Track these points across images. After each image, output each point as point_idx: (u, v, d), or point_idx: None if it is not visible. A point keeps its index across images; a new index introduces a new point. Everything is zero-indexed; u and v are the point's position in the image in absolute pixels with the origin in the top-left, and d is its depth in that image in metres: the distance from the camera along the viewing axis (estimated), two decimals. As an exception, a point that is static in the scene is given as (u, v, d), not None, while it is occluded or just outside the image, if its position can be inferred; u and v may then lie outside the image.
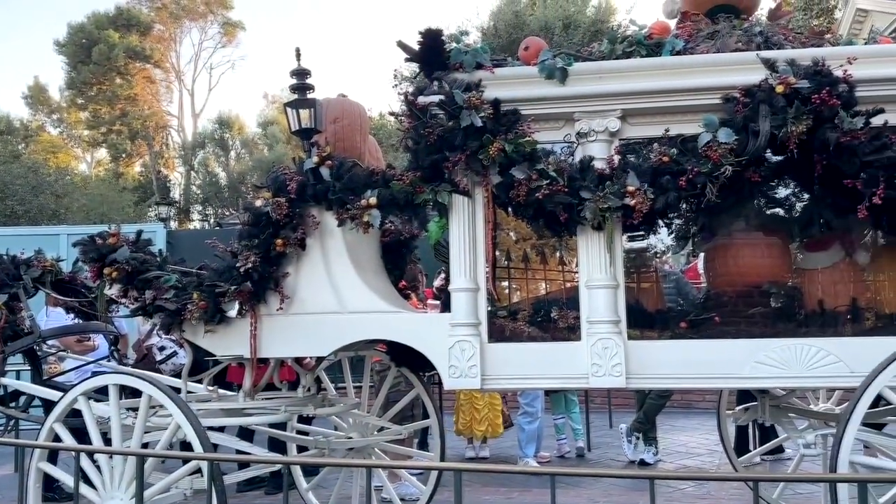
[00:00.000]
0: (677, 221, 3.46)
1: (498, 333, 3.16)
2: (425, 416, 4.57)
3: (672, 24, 3.52)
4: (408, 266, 4.14)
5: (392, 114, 3.27)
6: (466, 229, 3.10)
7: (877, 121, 2.76)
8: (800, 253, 3.39)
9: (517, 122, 2.95)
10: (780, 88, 2.74)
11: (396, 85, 18.60)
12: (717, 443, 4.81)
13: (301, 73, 3.78)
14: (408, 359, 3.73)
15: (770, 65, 2.82)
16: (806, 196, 3.32)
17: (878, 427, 3.78)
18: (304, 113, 5.49)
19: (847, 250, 3.26)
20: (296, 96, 5.37)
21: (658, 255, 3.84)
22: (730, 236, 3.28)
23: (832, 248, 3.27)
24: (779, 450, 5.92)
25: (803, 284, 3.26)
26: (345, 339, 3.26)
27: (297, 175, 3.28)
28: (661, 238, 3.56)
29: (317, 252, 3.33)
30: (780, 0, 3.63)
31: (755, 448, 5.35)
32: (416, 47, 3.07)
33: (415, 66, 3.16)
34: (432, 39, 3.01)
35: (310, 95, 3.79)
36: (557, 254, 3.66)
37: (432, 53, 3.03)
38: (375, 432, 4.32)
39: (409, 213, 3.30)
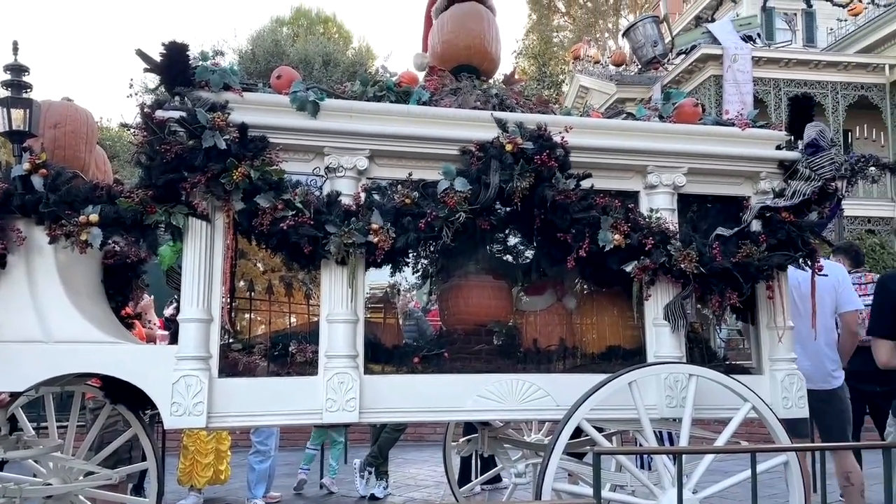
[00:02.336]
0: (417, 261, 3.61)
1: (230, 368, 3.01)
2: (145, 458, 4.17)
3: (421, 76, 3.72)
4: (134, 292, 3.79)
5: (124, 125, 3.01)
6: (203, 256, 2.93)
7: (585, 184, 3.15)
8: (520, 296, 3.72)
9: (265, 149, 2.88)
10: (509, 147, 3.02)
11: (131, 95, 17.25)
12: (444, 474, 5.02)
13: (17, 69, 3.30)
14: (126, 395, 3.39)
15: (502, 125, 3.10)
16: (527, 245, 3.67)
17: (580, 456, 4.23)
18: (18, 113, 4.81)
19: (559, 296, 3.65)
20: (9, 93, 4.69)
21: (401, 293, 3.96)
22: (461, 278, 3.50)
23: (547, 294, 3.64)
24: (497, 479, 6.37)
25: (522, 325, 3.58)
26: (47, 373, 2.87)
27: (1, 183, 2.86)
28: (405, 276, 3.68)
29: (20, 271, 2.92)
30: (515, 68, 4.02)
31: (477, 478, 5.70)
32: (159, 59, 2.87)
33: (156, 78, 2.95)
34: (177, 53, 2.84)
35: (26, 95, 3.34)
36: (300, 286, 3.61)
37: (175, 67, 2.85)
38: (81, 477, 3.83)
39: (137, 235, 3.03)
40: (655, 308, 3.28)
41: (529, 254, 3.69)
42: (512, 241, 3.69)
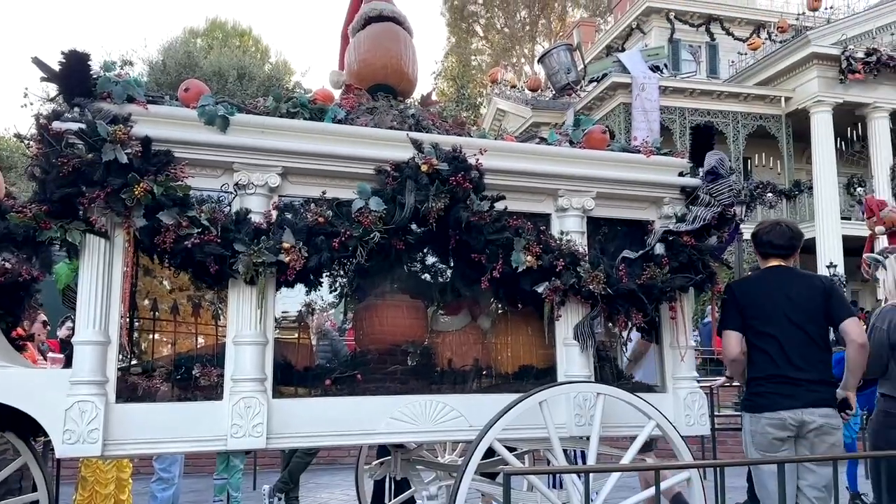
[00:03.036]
0: (331, 281, 3.56)
1: (129, 392, 2.87)
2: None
3: (337, 93, 3.70)
4: (26, 312, 3.56)
5: (18, 136, 2.83)
6: (100, 274, 2.78)
7: (499, 206, 3.19)
8: (436, 316, 3.72)
9: (169, 164, 2.77)
10: (424, 167, 3.02)
11: (26, 105, 16.36)
12: (356, 499, 4.93)
13: None
14: (15, 422, 3.17)
15: (418, 145, 3.11)
16: (443, 266, 3.68)
17: (493, 476, 4.25)
18: None
19: (474, 316, 3.67)
20: None
21: (315, 313, 3.89)
22: (375, 298, 3.47)
23: (462, 314, 3.66)
24: (411, 502, 6.30)
25: (436, 345, 3.57)
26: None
27: None
28: (320, 296, 3.62)
29: None
30: (433, 90, 4.05)
31: (390, 501, 5.62)
32: (58, 67, 2.73)
33: (53, 87, 2.80)
34: (77, 62, 2.71)
35: None
36: (206, 307, 3.48)
37: (75, 77, 2.72)
38: (-41, 513, 3.54)
39: (29, 252, 2.85)
40: (566, 328, 3.34)
41: (445, 274, 3.70)
42: (427, 261, 3.69)
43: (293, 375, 3.25)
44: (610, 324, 3.57)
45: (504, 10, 39.67)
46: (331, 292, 3.70)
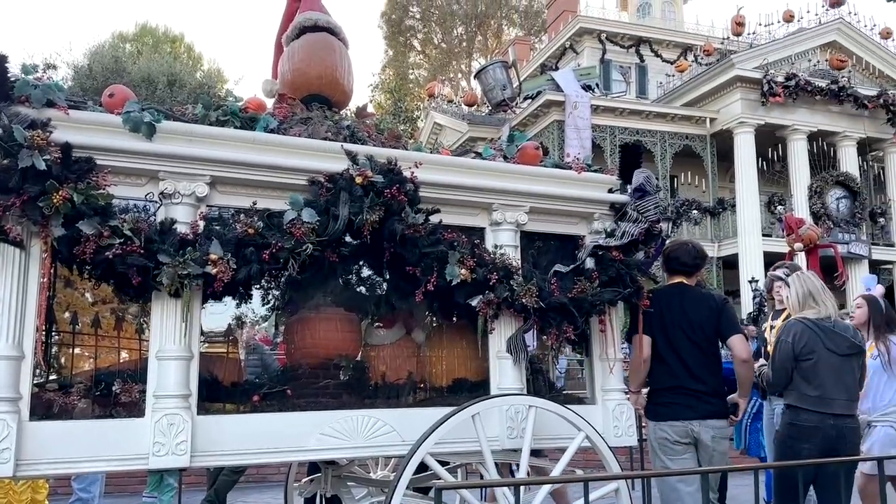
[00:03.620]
0: (261, 293, 3.48)
1: (44, 410, 2.73)
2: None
3: (270, 103, 3.64)
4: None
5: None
6: (15, 286, 2.65)
7: (434, 219, 3.19)
8: (369, 330, 3.69)
9: (90, 172, 2.66)
10: (359, 179, 3.00)
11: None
12: (286, 516, 4.81)
13: None
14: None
15: (352, 157, 3.08)
16: (377, 278, 3.65)
17: (425, 491, 4.22)
18: None
19: (408, 329, 3.65)
20: None
21: (244, 326, 3.79)
22: (307, 311, 3.41)
23: (396, 327, 3.63)
24: (343, 518, 6.20)
25: (370, 359, 3.54)
26: None
27: None
28: (250, 309, 3.53)
29: None
30: (368, 102, 4.04)
31: (322, 518, 5.51)
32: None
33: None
34: (-8, 63, 2.58)
35: None
36: (128, 320, 3.35)
37: (-9, 79, 2.58)
38: None
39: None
40: (499, 341, 3.36)
41: (379, 287, 3.68)
42: (361, 273, 3.65)
43: (220, 391, 3.16)
44: (542, 336, 3.62)
45: (441, 25, 40.04)
46: (261, 305, 3.62)
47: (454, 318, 3.54)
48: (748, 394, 3.94)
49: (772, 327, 5.09)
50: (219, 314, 3.40)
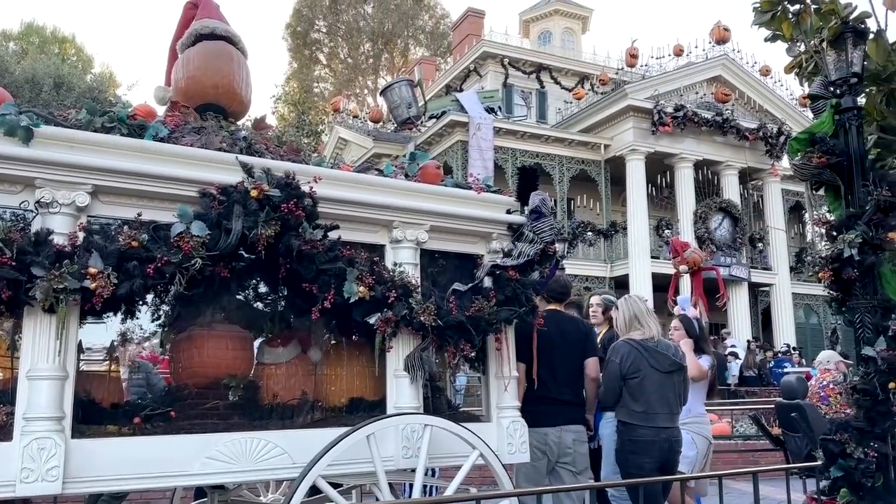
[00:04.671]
0: (147, 309, 3.31)
1: None
2: None
3: (161, 110, 3.49)
4: None
5: None
6: None
7: (333, 235, 3.15)
8: (262, 348, 3.57)
9: (-45, 177, 2.46)
10: (254, 193, 2.91)
11: None
12: (169, 544, 4.57)
13: None
14: None
15: (248, 169, 2.99)
16: (271, 295, 3.55)
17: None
18: None
19: (304, 347, 3.57)
20: None
21: (127, 344, 3.59)
22: (196, 328, 3.27)
23: (291, 345, 3.53)
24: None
25: (262, 378, 3.42)
26: None
27: None
28: (135, 325, 3.35)
29: None
30: (265, 114, 3.95)
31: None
32: None
33: None
34: None
35: None
36: (1, 337, 3.10)
37: None
38: None
39: None
40: (397, 360, 3.34)
41: (273, 304, 3.58)
42: (255, 289, 3.55)
43: (98, 412, 2.97)
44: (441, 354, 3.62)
45: (348, 41, 39.90)
46: (148, 321, 3.44)
47: (351, 336, 3.49)
48: (593, 408, 4.48)
49: None
50: (100, 330, 3.21)
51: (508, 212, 3.75)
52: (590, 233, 20.72)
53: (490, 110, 17.51)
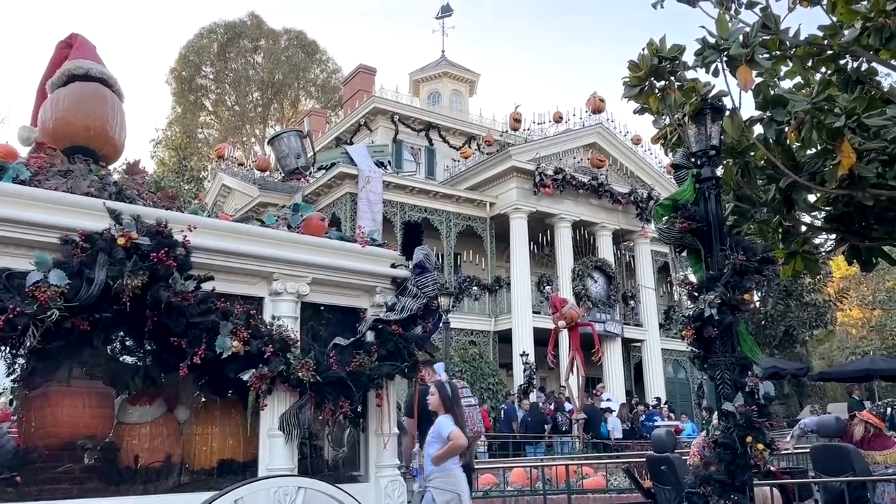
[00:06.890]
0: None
1: None
2: None
3: (25, 151, 3.28)
4: None
5: None
6: None
7: (207, 286, 3.02)
8: (124, 407, 3.33)
9: None
10: (121, 241, 2.76)
11: None
12: None
13: None
14: None
15: (115, 216, 2.84)
16: (136, 350, 3.34)
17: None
18: None
19: (170, 406, 3.36)
20: None
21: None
22: (51, 384, 3.01)
23: (155, 404, 3.32)
24: None
25: (123, 439, 3.19)
26: None
27: None
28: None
29: None
30: (140, 158, 3.78)
31: None
32: None
33: None
34: None
35: None
36: None
37: None
38: None
39: None
40: (271, 418, 3.21)
41: (138, 359, 3.36)
42: (118, 344, 3.32)
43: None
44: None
45: (236, 89, 39.32)
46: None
47: (223, 394, 3.33)
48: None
49: None
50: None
51: (393, 266, 3.75)
52: (475, 287, 21.08)
53: (380, 164, 17.60)
